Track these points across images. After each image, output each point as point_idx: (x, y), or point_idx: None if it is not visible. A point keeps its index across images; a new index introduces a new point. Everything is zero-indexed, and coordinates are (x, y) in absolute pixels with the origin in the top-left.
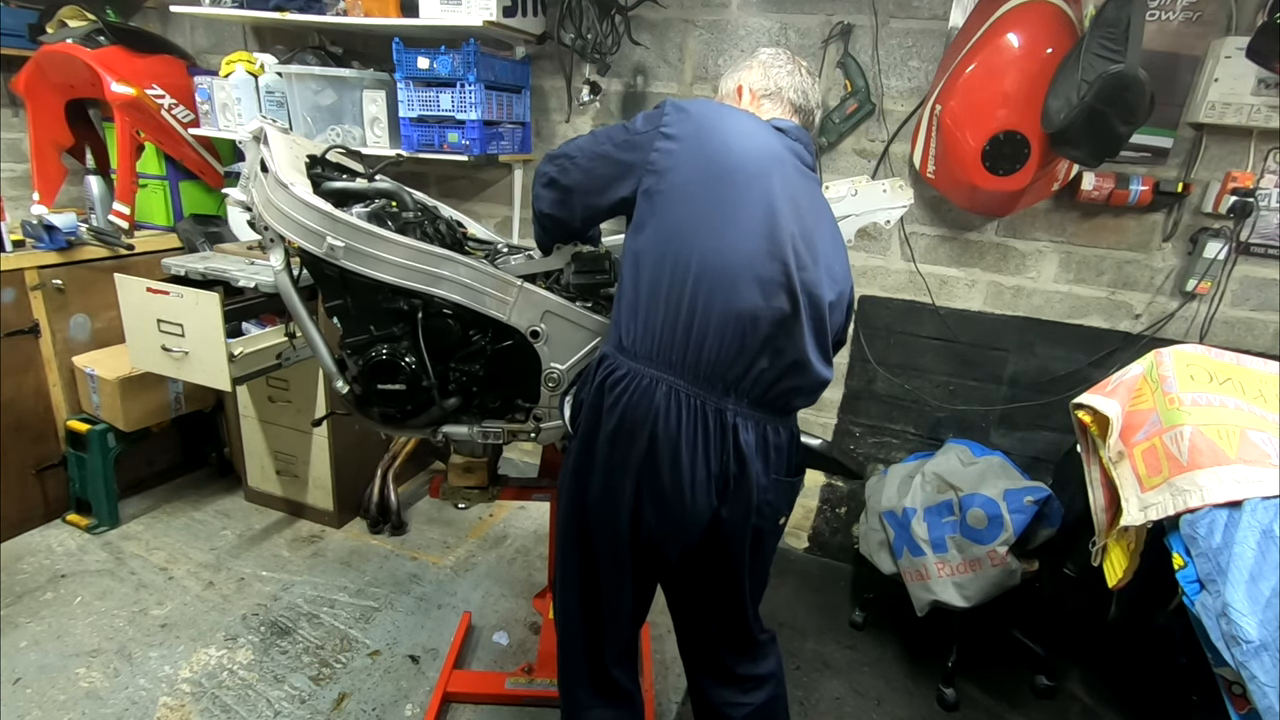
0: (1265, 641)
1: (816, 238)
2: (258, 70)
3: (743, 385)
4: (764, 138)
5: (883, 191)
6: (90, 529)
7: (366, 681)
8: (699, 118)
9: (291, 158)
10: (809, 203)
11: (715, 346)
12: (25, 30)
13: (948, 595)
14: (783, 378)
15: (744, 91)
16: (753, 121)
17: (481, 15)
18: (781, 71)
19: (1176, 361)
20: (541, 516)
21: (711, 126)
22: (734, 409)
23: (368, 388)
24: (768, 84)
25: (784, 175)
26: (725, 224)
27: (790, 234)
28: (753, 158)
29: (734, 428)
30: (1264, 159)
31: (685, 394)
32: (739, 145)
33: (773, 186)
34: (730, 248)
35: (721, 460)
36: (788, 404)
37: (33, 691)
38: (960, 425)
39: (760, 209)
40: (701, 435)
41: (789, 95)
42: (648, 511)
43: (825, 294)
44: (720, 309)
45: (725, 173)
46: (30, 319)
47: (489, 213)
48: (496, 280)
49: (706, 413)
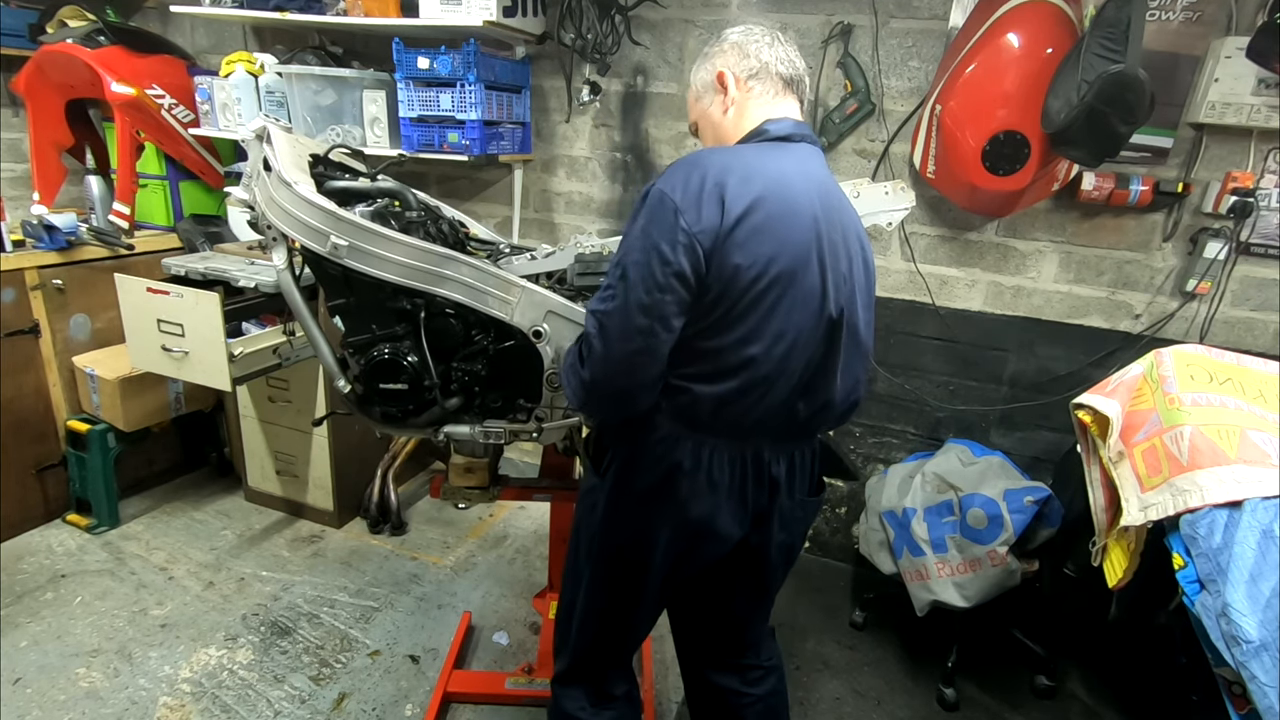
0: (1265, 641)
1: (841, 255)
2: (258, 70)
3: (780, 428)
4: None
5: (885, 194)
6: (90, 529)
7: (366, 681)
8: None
9: (295, 157)
10: (837, 217)
11: (775, 409)
12: (25, 30)
13: (948, 595)
14: (819, 412)
15: (726, 78)
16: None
17: (481, 15)
18: (761, 45)
19: (1176, 361)
20: (541, 517)
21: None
22: (770, 449)
23: (369, 387)
24: (750, 63)
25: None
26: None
27: (832, 275)
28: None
29: (767, 464)
30: (1264, 159)
31: (726, 450)
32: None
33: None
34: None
35: (756, 495)
36: (820, 430)
37: (33, 691)
38: (960, 425)
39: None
40: (739, 481)
41: (776, 69)
42: (681, 554)
43: (860, 318)
44: (786, 378)
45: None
46: (30, 319)
47: (489, 213)
48: (499, 280)
49: (746, 460)
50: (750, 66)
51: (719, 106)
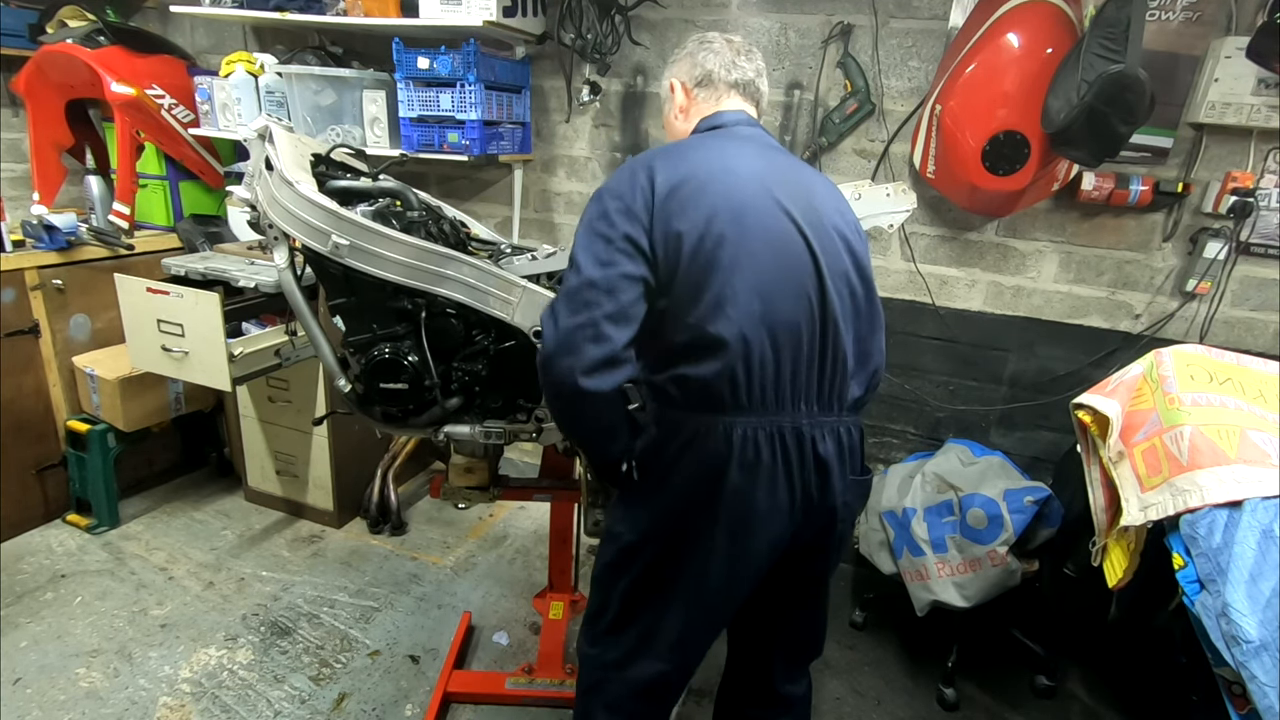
0: (1265, 641)
1: (812, 212)
2: (258, 70)
3: (803, 395)
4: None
5: (886, 196)
6: (90, 529)
7: (366, 681)
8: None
9: (296, 156)
10: (794, 177)
11: (786, 371)
12: (25, 30)
13: (948, 595)
14: (837, 375)
15: (676, 89)
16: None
17: (481, 15)
18: (708, 53)
19: (1176, 361)
20: (541, 517)
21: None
22: (808, 421)
23: (370, 386)
24: (696, 72)
25: (758, 168)
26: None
27: (808, 227)
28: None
29: (812, 441)
30: (1264, 159)
31: (761, 429)
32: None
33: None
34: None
35: (804, 481)
36: (848, 397)
37: (33, 691)
38: (960, 425)
39: (771, 235)
40: (782, 466)
41: (722, 76)
42: (739, 553)
43: (853, 274)
44: (783, 332)
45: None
46: (30, 319)
47: (489, 213)
48: (500, 280)
49: (785, 438)
50: (697, 75)
51: (673, 113)
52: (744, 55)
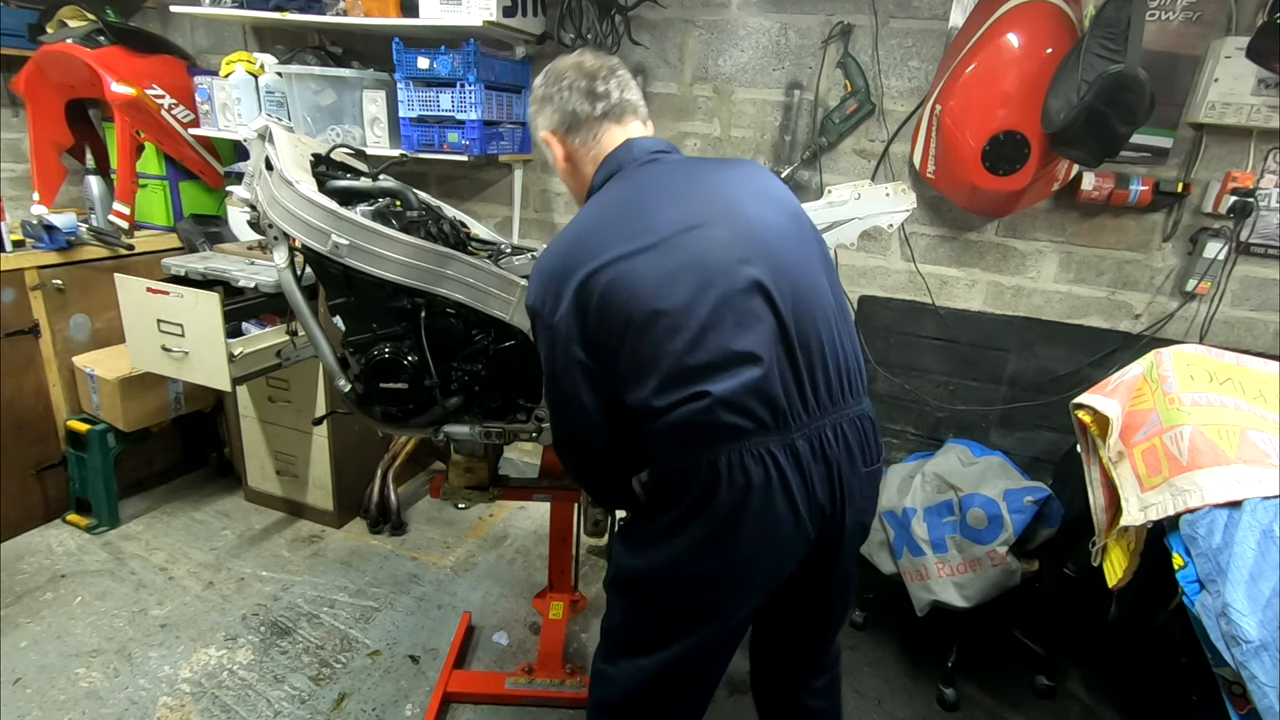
0: (1265, 641)
1: (746, 211)
2: (258, 70)
3: (788, 405)
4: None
5: (885, 195)
6: (90, 529)
7: (366, 681)
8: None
9: (296, 156)
10: (708, 190)
11: (775, 389)
12: (25, 30)
13: (948, 595)
14: (841, 361)
15: (551, 142)
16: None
17: (481, 15)
18: (564, 92)
19: (1176, 361)
20: (541, 517)
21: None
22: (811, 416)
23: (370, 386)
24: (559, 118)
25: (656, 185)
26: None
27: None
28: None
29: (822, 441)
30: (1264, 159)
31: (771, 446)
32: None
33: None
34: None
35: (825, 486)
36: (852, 386)
37: (33, 691)
38: (960, 425)
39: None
40: (796, 478)
41: (588, 111)
42: (766, 578)
43: (799, 279)
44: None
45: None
46: (30, 319)
47: (489, 213)
48: (500, 280)
49: (797, 448)
50: (563, 120)
51: (561, 164)
52: (603, 78)
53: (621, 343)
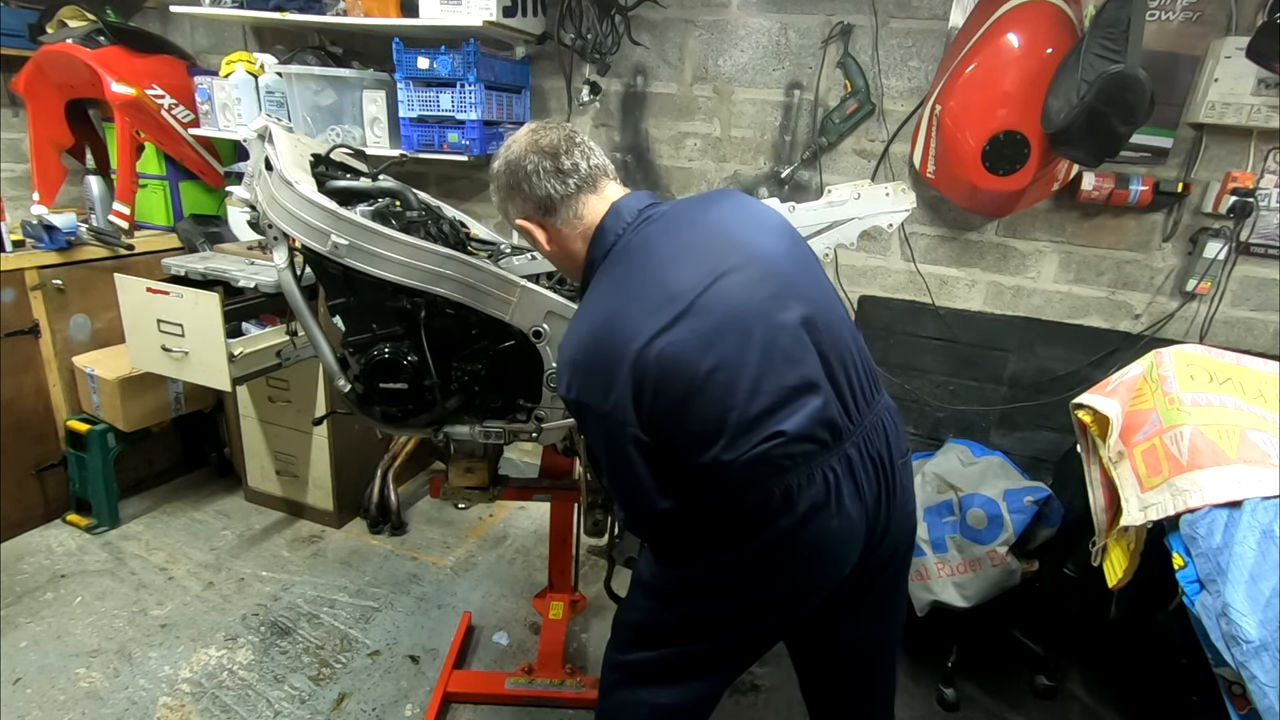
0: (1265, 641)
1: (754, 279)
2: (258, 70)
3: (848, 408)
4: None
5: (885, 195)
6: (90, 529)
7: (366, 681)
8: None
9: (296, 156)
10: (704, 240)
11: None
12: (25, 30)
13: (948, 595)
14: (856, 361)
15: (530, 229)
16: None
17: (481, 15)
18: (529, 178)
19: (1176, 361)
20: (541, 517)
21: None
22: (856, 424)
23: (370, 386)
24: (530, 206)
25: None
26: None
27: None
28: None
29: (866, 443)
30: (1264, 159)
31: (832, 462)
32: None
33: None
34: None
35: (872, 486)
36: (875, 384)
37: (33, 691)
38: (960, 425)
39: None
40: (849, 483)
41: (560, 191)
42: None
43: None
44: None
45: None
46: (30, 319)
47: (489, 213)
48: (499, 280)
49: (849, 455)
50: (536, 207)
51: (545, 247)
52: (565, 153)
53: (684, 412)
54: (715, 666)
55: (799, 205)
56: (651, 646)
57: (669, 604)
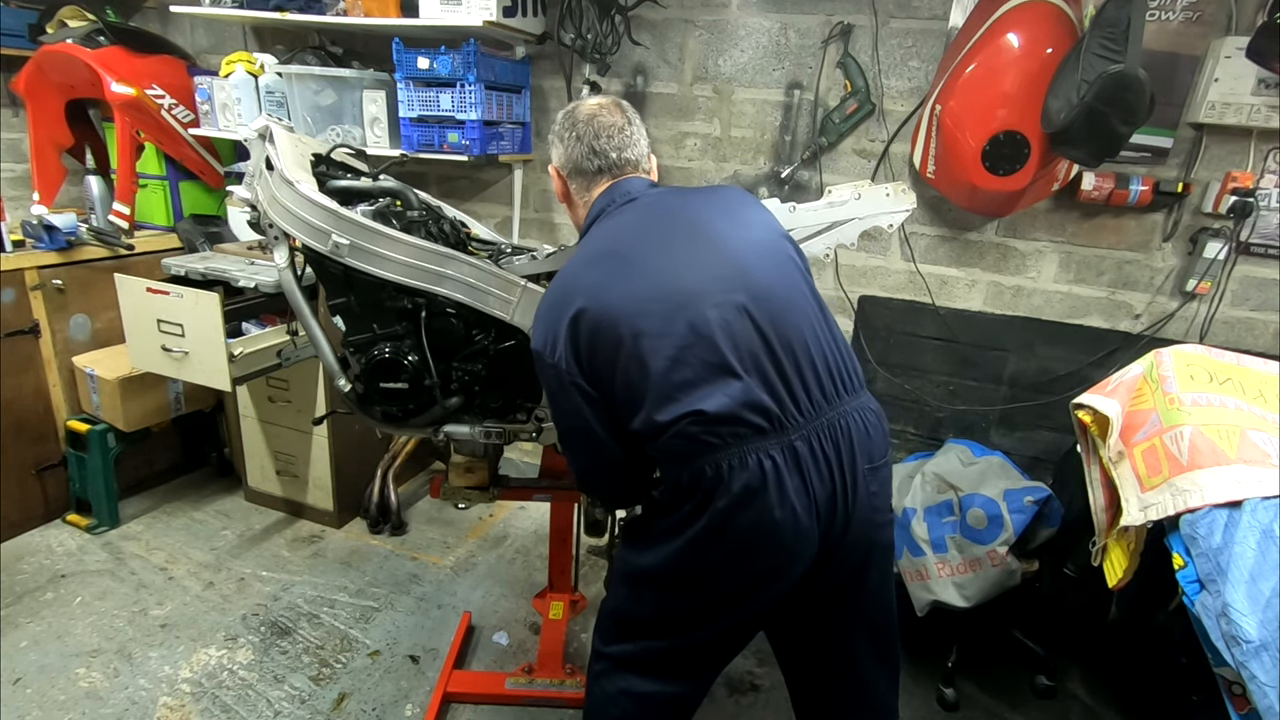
0: (1265, 641)
1: (715, 254)
2: (258, 70)
3: (797, 400)
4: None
5: (885, 196)
6: (90, 529)
7: (366, 681)
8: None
9: (297, 156)
10: (679, 223)
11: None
12: (25, 30)
13: (948, 595)
14: (829, 357)
15: (554, 175)
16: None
17: (481, 15)
18: (572, 142)
19: (1176, 361)
20: (541, 517)
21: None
22: (808, 417)
23: (370, 386)
24: (562, 161)
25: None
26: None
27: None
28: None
29: (820, 440)
30: (1264, 159)
31: (770, 449)
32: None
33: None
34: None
35: (825, 486)
36: (845, 383)
37: (33, 691)
38: (960, 425)
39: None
40: (794, 479)
41: (585, 166)
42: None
43: (774, 284)
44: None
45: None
46: (30, 319)
47: (489, 213)
48: (500, 280)
49: (796, 449)
50: (565, 163)
51: (560, 196)
52: (607, 137)
53: (615, 367)
54: (687, 663)
55: (799, 205)
56: (627, 639)
57: (636, 592)
